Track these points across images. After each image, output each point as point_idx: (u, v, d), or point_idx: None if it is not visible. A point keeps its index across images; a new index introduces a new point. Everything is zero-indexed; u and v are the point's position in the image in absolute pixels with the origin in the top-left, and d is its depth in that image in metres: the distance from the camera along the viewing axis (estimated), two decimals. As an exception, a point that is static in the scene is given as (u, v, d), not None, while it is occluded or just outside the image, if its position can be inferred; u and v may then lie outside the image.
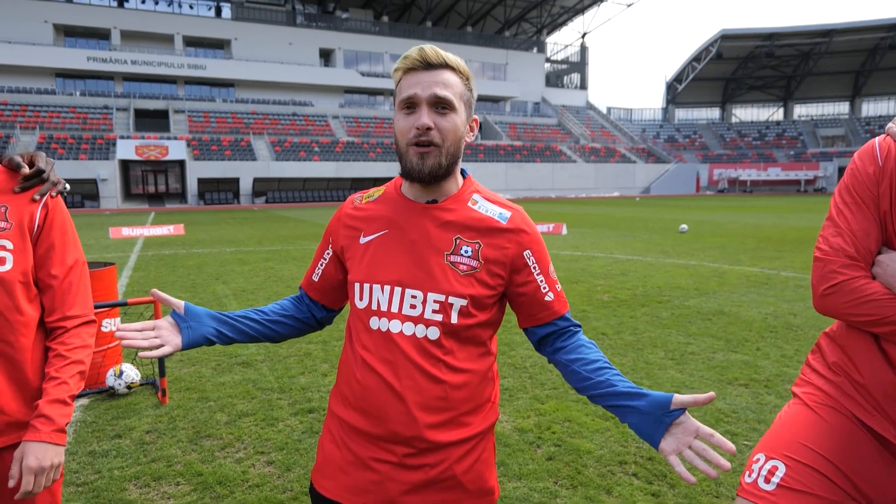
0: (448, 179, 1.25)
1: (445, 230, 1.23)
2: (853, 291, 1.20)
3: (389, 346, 1.20)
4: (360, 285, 1.25)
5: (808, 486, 1.20)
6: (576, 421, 3.54)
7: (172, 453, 3.16)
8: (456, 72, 1.23)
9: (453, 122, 1.21)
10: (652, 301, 7.02)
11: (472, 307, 1.21)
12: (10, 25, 42.38)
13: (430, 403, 1.19)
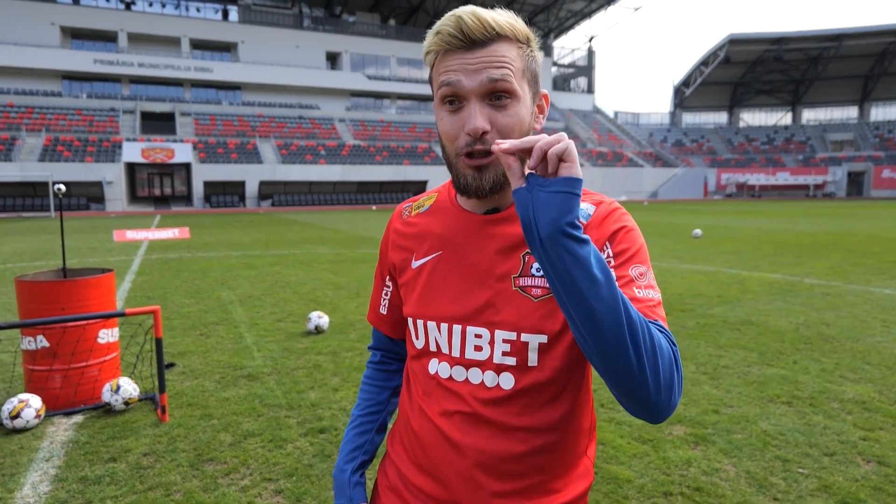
0: (507, 185, 0.93)
1: (511, 246, 0.93)
2: None
3: (451, 397, 0.95)
4: (414, 321, 0.99)
5: None
6: (610, 444, 3.24)
7: (171, 480, 2.88)
8: (511, 40, 0.88)
9: (517, 116, 0.88)
10: (675, 309, 6.71)
11: (557, 340, 0.91)
12: (16, 28, 42.57)
13: (501, 467, 0.93)
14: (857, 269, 9.71)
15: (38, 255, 12.84)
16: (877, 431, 3.34)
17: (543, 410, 0.93)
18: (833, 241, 14.21)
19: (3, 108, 40.73)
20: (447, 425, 0.95)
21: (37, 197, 36.08)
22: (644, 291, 0.89)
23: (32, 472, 2.97)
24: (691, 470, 2.95)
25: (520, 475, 0.93)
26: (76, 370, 3.81)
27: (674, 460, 3.05)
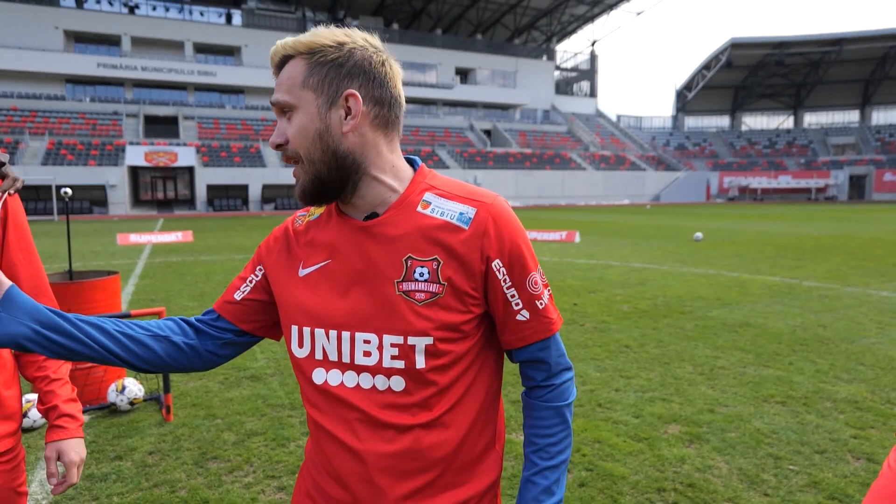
0: (360, 187, 0.96)
1: (393, 251, 0.94)
2: None
3: (344, 403, 0.96)
4: (300, 329, 0.98)
5: None
6: (606, 442, 3.31)
7: (176, 477, 2.95)
8: (299, 58, 0.94)
9: (298, 124, 0.93)
10: (674, 312, 6.77)
11: (443, 342, 0.94)
12: (20, 32, 42.80)
13: (401, 467, 0.95)
14: (857, 271, 9.75)
15: (43, 258, 12.90)
16: (867, 430, 3.40)
17: (436, 409, 0.95)
18: (834, 244, 14.25)
19: (6, 112, 40.95)
20: (344, 433, 0.96)
21: (40, 200, 36.23)
22: (541, 303, 0.98)
23: (40, 470, 3.05)
24: (685, 467, 3.01)
25: (420, 472, 0.95)
26: (82, 371, 3.89)
27: (668, 458, 3.11)
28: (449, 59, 57.35)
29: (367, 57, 0.95)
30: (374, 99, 0.95)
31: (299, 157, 0.94)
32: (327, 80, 0.93)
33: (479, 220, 0.95)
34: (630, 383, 4.33)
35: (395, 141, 1.01)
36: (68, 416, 1.34)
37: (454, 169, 48.01)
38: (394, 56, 1.01)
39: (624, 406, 3.87)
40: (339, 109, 0.93)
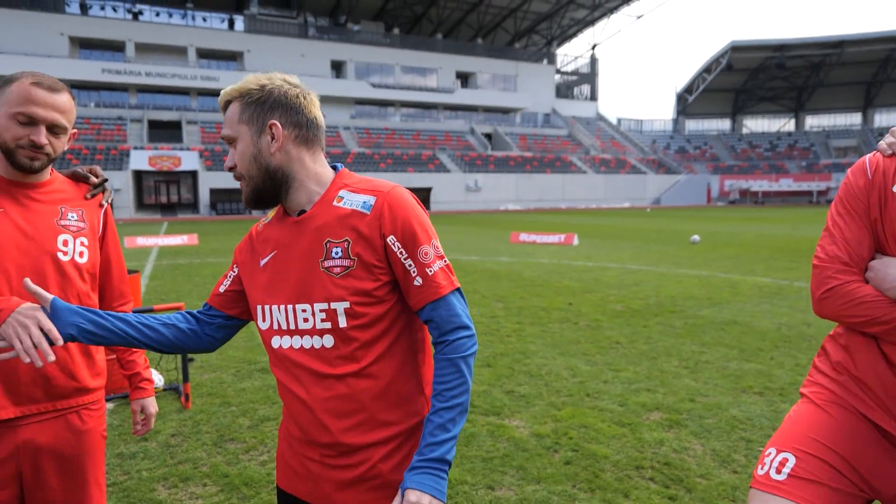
0: (291, 192, 1.27)
1: (316, 237, 1.23)
2: (847, 294, 1.29)
3: (292, 362, 1.25)
4: (262, 308, 1.29)
5: (817, 476, 1.26)
6: (592, 427, 3.58)
7: (198, 456, 3.24)
8: (235, 101, 1.27)
9: (239, 152, 1.26)
10: (665, 311, 7.04)
11: (359, 306, 1.20)
12: (27, 38, 43.21)
13: (339, 409, 1.22)
14: (847, 272, 10.00)
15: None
16: (836, 417, 3.67)
17: (363, 361, 1.21)
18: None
19: (13, 118, 41.42)
20: (295, 385, 1.24)
21: (46, 204, 36.67)
22: (432, 270, 1.21)
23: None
24: (663, 449, 3.28)
25: (355, 412, 1.22)
26: (108, 363, 4.17)
27: (648, 441, 3.38)
28: (449, 64, 57.70)
29: (283, 92, 1.27)
30: (293, 124, 1.27)
31: (242, 175, 1.27)
32: (255, 115, 1.25)
33: (377, 205, 1.22)
34: (618, 376, 4.60)
35: (317, 153, 1.33)
36: (147, 380, 1.81)
37: (455, 172, 48.33)
38: (311, 90, 1.36)
39: (611, 396, 4.14)
40: (266, 136, 1.25)
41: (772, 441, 1.38)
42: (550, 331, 6.11)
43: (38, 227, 1.52)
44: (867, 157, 1.38)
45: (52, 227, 1.53)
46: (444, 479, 1.16)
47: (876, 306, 1.25)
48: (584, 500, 2.74)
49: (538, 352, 5.30)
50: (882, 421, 1.29)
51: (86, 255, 1.57)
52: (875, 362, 1.30)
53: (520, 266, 11.49)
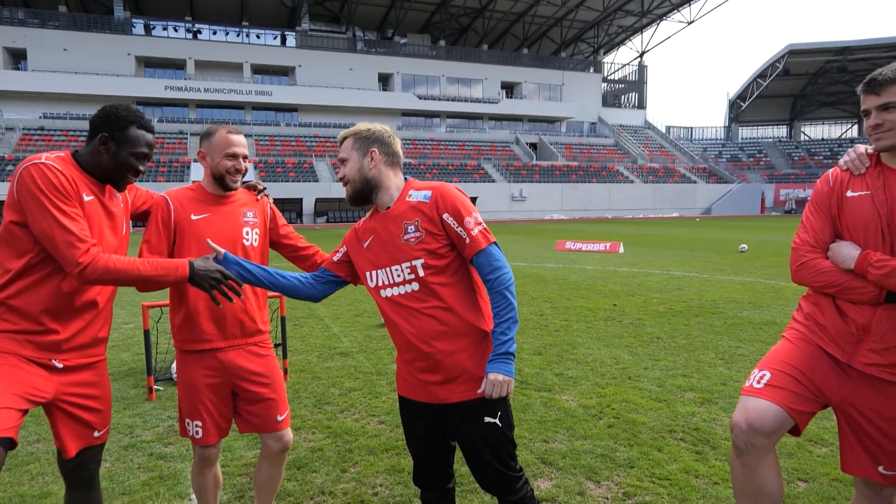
0: (379, 195, 2.03)
1: (397, 222, 1.98)
2: (813, 267, 1.93)
3: (395, 304, 1.98)
4: (369, 273, 2.06)
5: (784, 384, 1.88)
6: (632, 401, 4.11)
7: (303, 414, 3.97)
8: (350, 137, 2.06)
9: (350, 167, 2.04)
10: (706, 312, 7.43)
11: (431, 259, 1.92)
12: (98, 59, 46.22)
13: (431, 331, 1.94)
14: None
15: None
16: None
17: (443, 297, 1.93)
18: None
19: (85, 133, 43.92)
20: (398, 319, 1.98)
21: (116, 213, 39.07)
22: (475, 231, 1.92)
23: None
24: (694, 419, 3.79)
25: (441, 334, 1.94)
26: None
27: (681, 413, 3.90)
28: (495, 74, 58.37)
29: (380, 133, 2.06)
30: (384, 152, 2.05)
31: (349, 181, 2.04)
32: (361, 145, 2.04)
33: (433, 196, 1.96)
34: (657, 364, 5.10)
35: (397, 170, 2.07)
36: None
37: (500, 182, 48.84)
38: (396, 135, 2.18)
39: (650, 379, 4.66)
40: (367, 158, 2.03)
41: (757, 365, 2.01)
42: (596, 327, 6.62)
43: (232, 223, 2.33)
44: (830, 171, 2.00)
45: (239, 223, 2.34)
46: (512, 364, 1.90)
47: (831, 275, 1.88)
48: (623, 452, 3.30)
49: (584, 343, 5.83)
50: (833, 351, 1.91)
51: (257, 241, 2.36)
52: (832, 312, 1.92)
53: (565, 271, 11.97)
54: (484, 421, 1.93)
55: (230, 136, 2.33)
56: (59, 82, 44.27)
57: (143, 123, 2.04)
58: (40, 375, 1.86)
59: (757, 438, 1.84)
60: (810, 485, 2.92)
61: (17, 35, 44.68)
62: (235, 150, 2.31)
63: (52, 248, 1.81)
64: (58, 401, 1.93)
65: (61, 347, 1.91)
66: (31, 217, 1.81)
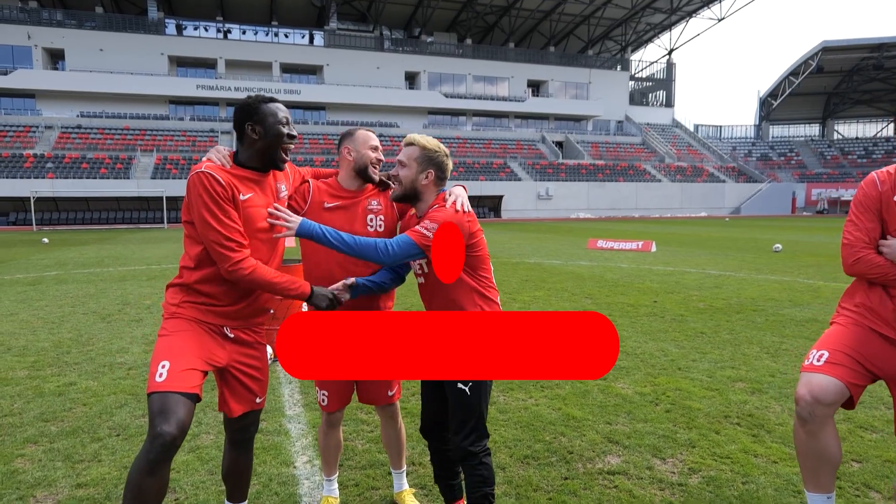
0: (418, 204, 2.42)
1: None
2: (870, 261, 2.23)
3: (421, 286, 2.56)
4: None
5: (841, 362, 2.18)
6: (685, 390, 4.34)
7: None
8: (418, 147, 2.38)
9: (407, 174, 2.38)
10: (747, 309, 7.57)
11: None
12: (132, 59, 47.43)
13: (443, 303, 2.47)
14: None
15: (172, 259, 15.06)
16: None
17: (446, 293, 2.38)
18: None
19: (121, 131, 45.65)
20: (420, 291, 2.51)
21: (150, 210, 40.15)
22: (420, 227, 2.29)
23: (285, 387, 4.46)
24: (747, 406, 4.00)
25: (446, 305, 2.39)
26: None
27: (734, 401, 4.11)
28: (521, 72, 58.35)
29: (442, 159, 2.40)
30: (437, 176, 2.41)
31: (400, 183, 2.39)
32: (424, 161, 2.39)
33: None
34: (704, 357, 5.30)
35: (440, 186, 2.42)
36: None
37: (526, 181, 48.89)
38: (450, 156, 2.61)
39: (699, 370, 4.86)
40: (423, 174, 2.39)
41: (813, 346, 2.30)
42: (639, 322, 6.82)
43: (360, 212, 2.62)
44: (875, 173, 2.28)
45: (364, 212, 2.63)
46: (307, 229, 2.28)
47: (885, 268, 2.20)
48: (683, 434, 3.53)
49: (630, 337, 6.05)
50: (886, 331, 2.22)
51: (382, 227, 2.63)
52: (883, 298, 2.24)
53: (601, 269, 12.14)
54: (456, 386, 2.26)
55: (369, 132, 2.69)
56: (96, 82, 45.60)
57: (270, 99, 2.29)
58: (218, 344, 2.21)
59: (819, 409, 2.14)
60: (864, 465, 3.12)
61: (55, 36, 46.13)
62: (376, 143, 2.66)
63: (209, 249, 2.15)
64: (230, 367, 2.27)
65: (233, 316, 2.26)
66: (195, 219, 2.15)
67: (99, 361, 5.24)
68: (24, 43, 45.32)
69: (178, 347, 2.06)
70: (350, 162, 2.63)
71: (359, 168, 2.62)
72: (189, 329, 2.14)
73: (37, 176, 37.93)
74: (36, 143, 42.20)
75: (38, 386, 4.53)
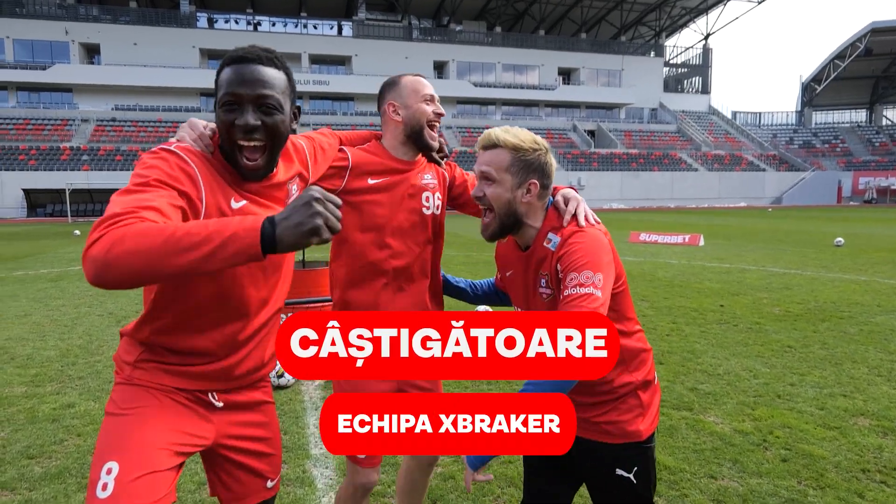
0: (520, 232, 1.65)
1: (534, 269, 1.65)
2: None
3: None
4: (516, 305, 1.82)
5: None
6: (797, 428, 3.53)
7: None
8: (505, 150, 1.57)
9: (497, 193, 1.58)
10: (831, 316, 6.64)
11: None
12: (164, 52, 47.79)
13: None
14: None
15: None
16: None
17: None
18: None
19: (154, 124, 46.05)
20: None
21: (182, 201, 40.45)
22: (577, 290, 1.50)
23: (309, 416, 3.80)
24: (884, 454, 3.18)
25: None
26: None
27: (865, 445, 3.29)
28: (551, 60, 56.93)
29: (545, 160, 1.61)
30: (542, 185, 1.61)
31: (492, 209, 1.59)
32: (521, 171, 1.57)
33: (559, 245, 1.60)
34: (804, 380, 4.46)
35: (546, 196, 1.66)
36: None
37: (558, 171, 47.27)
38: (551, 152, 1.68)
39: (804, 399, 4.04)
40: (523, 189, 1.58)
41: None
42: (711, 332, 5.99)
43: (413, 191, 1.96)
44: None
45: (419, 188, 1.98)
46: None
47: None
48: (815, 496, 2.75)
49: (706, 351, 5.23)
50: None
51: (439, 208, 2.03)
52: None
53: (650, 266, 11.24)
54: (614, 473, 1.60)
55: (419, 77, 1.94)
56: (130, 75, 46.01)
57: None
58: (200, 417, 1.46)
59: None
60: None
61: (91, 31, 46.68)
62: (431, 91, 1.93)
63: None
64: (222, 445, 1.52)
65: (220, 378, 1.49)
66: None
67: (104, 376, 4.68)
68: (62, 38, 45.99)
69: (134, 438, 1.30)
70: (397, 123, 1.92)
71: (412, 131, 1.90)
72: (151, 404, 1.37)
73: (72, 168, 38.46)
74: (72, 136, 42.81)
75: (32, 408, 3.97)
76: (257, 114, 1.36)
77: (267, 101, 1.36)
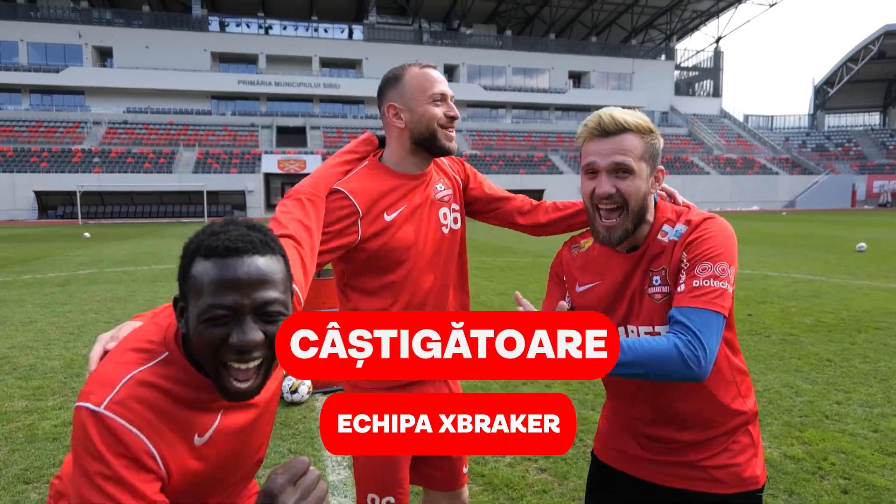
0: (638, 231, 1.35)
1: (643, 267, 1.35)
2: None
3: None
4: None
5: None
6: (853, 453, 3.25)
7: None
8: (633, 134, 1.30)
9: (633, 185, 1.30)
10: (868, 327, 6.33)
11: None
12: (175, 55, 48.01)
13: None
14: None
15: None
16: None
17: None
18: None
19: (164, 126, 46.20)
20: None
21: (191, 204, 40.43)
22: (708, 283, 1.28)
23: (324, 436, 3.57)
24: (955, 486, 2.90)
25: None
26: (327, 354, 4.44)
27: (931, 475, 3.01)
28: (562, 63, 56.67)
29: (657, 140, 1.37)
30: (660, 170, 1.38)
31: (627, 207, 1.31)
32: (653, 158, 1.34)
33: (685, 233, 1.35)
34: (850, 398, 4.17)
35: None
36: None
37: (568, 174, 47.35)
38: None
39: (854, 419, 3.75)
40: (651, 178, 1.35)
41: None
42: (743, 343, 5.70)
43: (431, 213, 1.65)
44: None
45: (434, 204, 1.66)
46: None
47: None
48: (888, 537, 2.48)
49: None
50: None
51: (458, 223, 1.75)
52: None
53: (668, 272, 10.93)
54: None
55: (427, 70, 1.59)
56: (142, 78, 46.25)
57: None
58: None
59: None
60: None
61: (104, 34, 47.00)
62: (444, 89, 1.58)
63: None
64: None
65: None
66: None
67: (110, 389, 4.48)
68: (75, 41, 46.34)
69: None
70: (400, 130, 1.58)
71: (420, 138, 1.56)
72: None
73: (84, 170, 38.62)
74: (84, 138, 43.02)
75: (32, 425, 3.77)
76: (258, 324, 1.01)
77: (270, 306, 1.02)
